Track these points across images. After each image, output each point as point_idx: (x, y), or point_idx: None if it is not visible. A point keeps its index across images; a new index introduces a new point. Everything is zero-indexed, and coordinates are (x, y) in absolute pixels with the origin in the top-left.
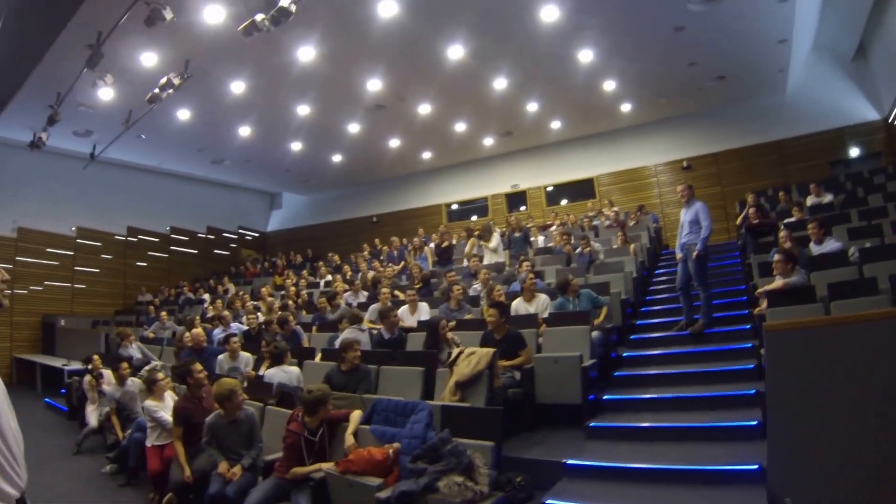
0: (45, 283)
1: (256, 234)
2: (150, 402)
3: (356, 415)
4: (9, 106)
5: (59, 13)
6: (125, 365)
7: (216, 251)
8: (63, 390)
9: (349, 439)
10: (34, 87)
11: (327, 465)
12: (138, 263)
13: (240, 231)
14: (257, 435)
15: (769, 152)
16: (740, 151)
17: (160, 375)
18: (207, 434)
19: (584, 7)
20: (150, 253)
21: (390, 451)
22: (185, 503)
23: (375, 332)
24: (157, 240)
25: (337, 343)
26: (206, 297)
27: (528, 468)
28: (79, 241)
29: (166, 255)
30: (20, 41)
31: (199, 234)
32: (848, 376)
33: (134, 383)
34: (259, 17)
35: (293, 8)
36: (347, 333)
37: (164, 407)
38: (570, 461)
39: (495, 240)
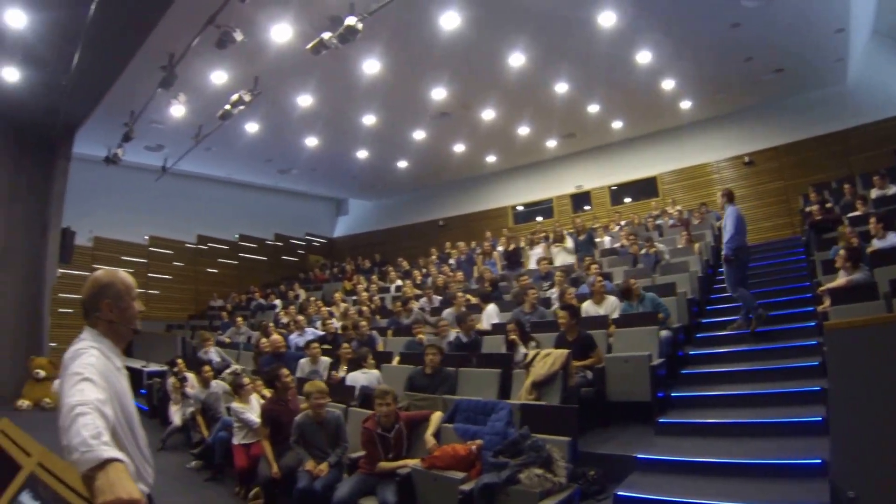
0: None
1: (324, 240)
2: (236, 404)
3: (436, 416)
4: (85, 124)
5: (132, 38)
6: (208, 368)
7: (284, 257)
8: (143, 390)
9: (430, 440)
10: (109, 106)
11: (413, 462)
12: (209, 270)
13: (307, 237)
14: (343, 434)
15: (832, 143)
16: (802, 144)
17: (246, 380)
18: (296, 433)
19: (640, 11)
20: (220, 260)
21: (473, 447)
22: (271, 498)
23: (453, 335)
24: (226, 247)
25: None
26: (278, 302)
27: (600, 462)
28: (151, 249)
29: (236, 262)
30: (96, 64)
31: (268, 242)
32: None
33: (218, 385)
34: (327, 35)
35: (359, 26)
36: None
37: (250, 408)
38: (641, 455)
39: (570, 242)
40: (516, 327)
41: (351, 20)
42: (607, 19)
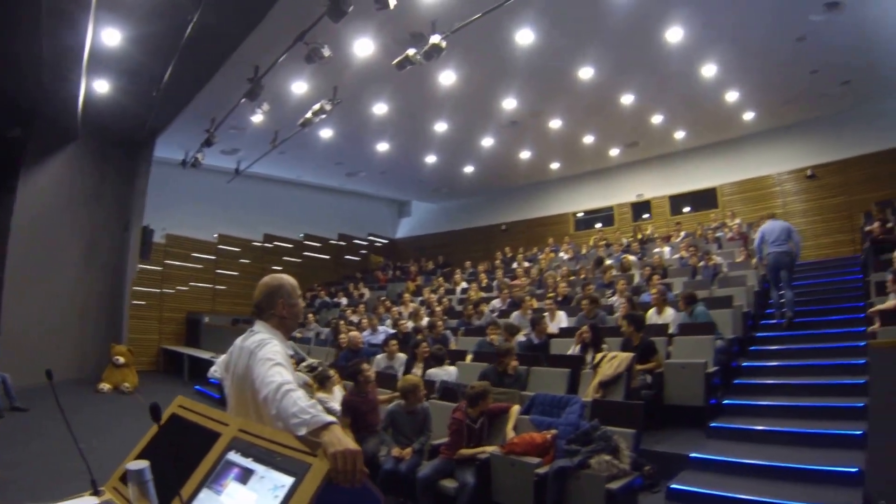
0: (191, 283)
1: (385, 241)
2: (321, 395)
3: (515, 409)
4: (167, 130)
5: (221, 51)
6: (293, 361)
7: (347, 257)
8: (214, 380)
9: (510, 433)
10: (191, 113)
11: (492, 448)
12: (274, 267)
13: (369, 238)
14: (429, 424)
15: None
16: (868, 158)
17: (331, 372)
18: (386, 420)
19: (706, 26)
20: (284, 258)
21: (549, 435)
22: None
23: (525, 337)
24: (291, 246)
25: None
26: (344, 300)
27: (655, 459)
28: (220, 246)
29: (300, 261)
30: (185, 75)
31: (331, 241)
32: None
33: (299, 377)
34: (412, 52)
35: (443, 44)
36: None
37: (334, 398)
38: (693, 455)
39: None
40: (591, 331)
41: (436, 38)
42: (675, 35)
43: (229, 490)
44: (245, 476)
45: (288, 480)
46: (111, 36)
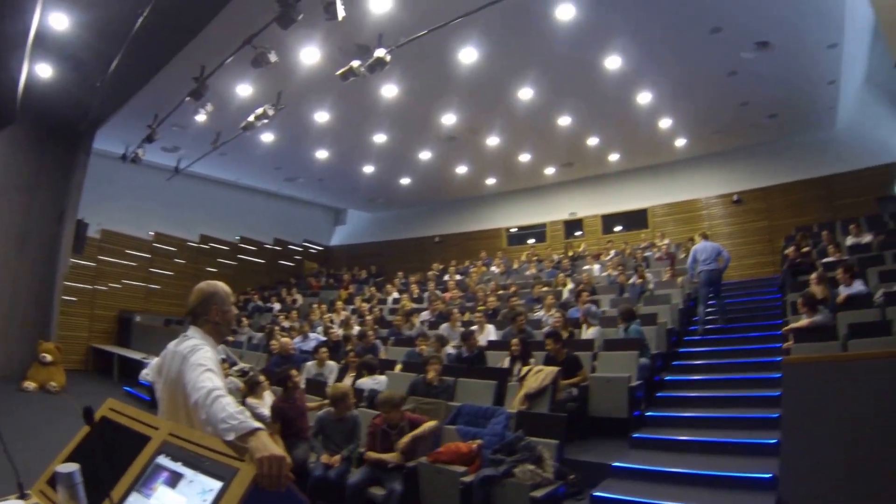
0: (123, 281)
1: (320, 248)
2: (251, 400)
3: (428, 425)
4: (108, 122)
5: (169, 47)
6: (225, 365)
7: (281, 262)
8: (144, 382)
9: (402, 443)
10: (134, 106)
11: (390, 456)
12: (209, 269)
13: (304, 244)
14: (358, 432)
15: (818, 187)
16: (789, 186)
17: (262, 378)
18: (316, 426)
19: (644, 57)
20: (220, 260)
21: (474, 445)
22: None
23: (454, 349)
24: (227, 248)
25: None
26: (277, 305)
27: (579, 468)
28: (155, 245)
29: (235, 263)
30: (131, 67)
31: (267, 245)
32: (851, 404)
33: (233, 382)
34: (356, 63)
35: (388, 58)
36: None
37: (264, 404)
38: (616, 464)
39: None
40: (520, 344)
41: (381, 52)
42: (613, 62)
43: (158, 494)
44: (174, 480)
45: (216, 485)
46: (59, 20)
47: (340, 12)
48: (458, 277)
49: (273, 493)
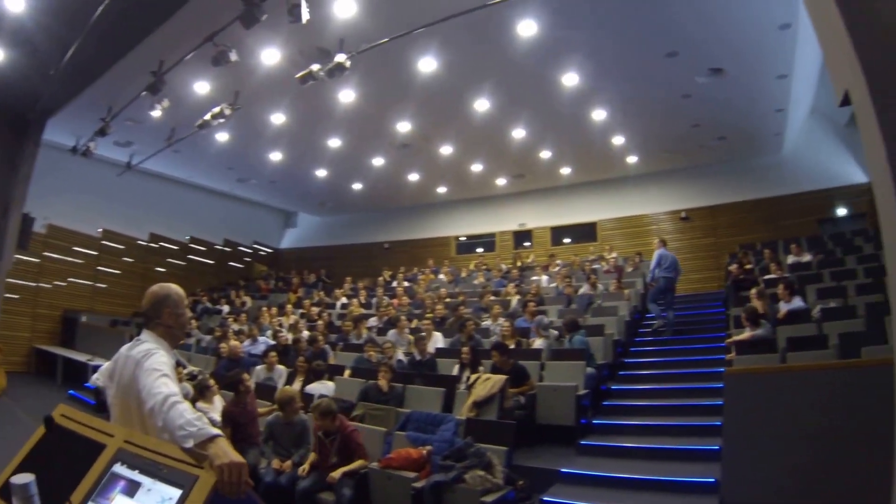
0: (69, 279)
1: (270, 250)
2: (201, 404)
3: (360, 463)
4: (60, 112)
5: (128, 38)
6: (180, 369)
7: (231, 263)
8: (90, 385)
9: (334, 475)
10: (88, 98)
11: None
12: (157, 269)
13: (254, 246)
14: (307, 437)
15: (763, 208)
16: (736, 206)
17: (211, 382)
18: (266, 432)
19: (601, 76)
20: (169, 260)
21: (424, 451)
22: None
23: (405, 356)
24: (176, 248)
25: None
26: (226, 308)
27: (528, 474)
28: (103, 242)
29: (184, 263)
30: (87, 57)
31: (216, 246)
32: (789, 413)
33: (186, 388)
34: (316, 67)
35: (348, 63)
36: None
37: (214, 409)
38: (564, 470)
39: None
40: (470, 353)
41: (341, 57)
42: (570, 79)
43: (116, 503)
44: (132, 488)
45: (175, 493)
46: (15, 2)
47: (305, 15)
48: (406, 284)
49: (233, 499)
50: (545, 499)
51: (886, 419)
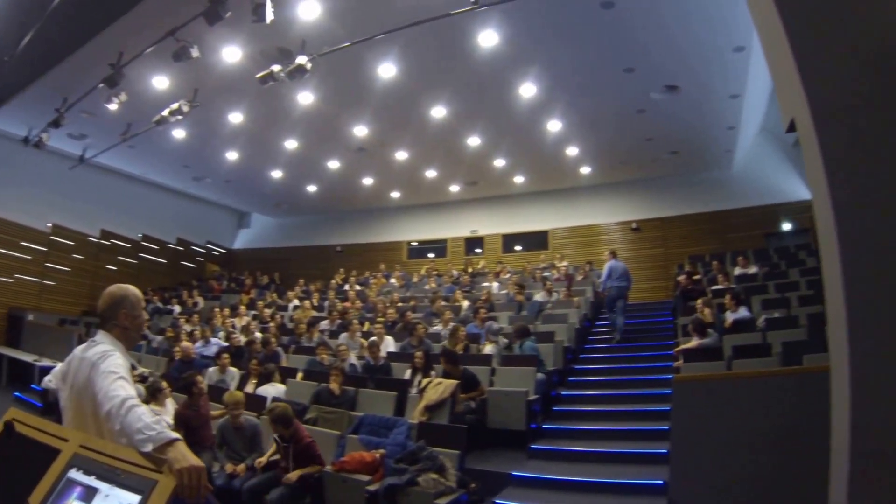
0: (15, 275)
1: (223, 250)
2: (152, 407)
3: (315, 468)
4: (12, 101)
5: (87, 28)
6: (135, 372)
7: (183, 263)
8: (36, 386)
9: (289, 478)
10: (44, 87)
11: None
12: (108, 267)
13: (207, 245)
14: (259, 441)
15: (712, 221)
16: (685, 218)
17: (164, 384)
18: (218, 436)
19: (557, 88)
20: (120, 258)
21: (377, 454)
22: None
23: (358, 361)
24: (128, 245)
25: None
26: (177, 308)
27: (480, 477)
28: (53, 237)
29: (136, 262)
30: (43, 45)
31: (169, 245)
32: (734, 418)
33: (140, 390)
34: (276, 68)
35: (309, 66)
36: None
37: (166, 412)
38: (515, 473)
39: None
40: (423, 357)
41: (302, 59)
42: (528, 90)
43: None
44: (88, 495)
45: (134, 498)
46: None
47: (269, 15)
48: (357, 288)
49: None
50: (497, 501)
51: (825, 423)
